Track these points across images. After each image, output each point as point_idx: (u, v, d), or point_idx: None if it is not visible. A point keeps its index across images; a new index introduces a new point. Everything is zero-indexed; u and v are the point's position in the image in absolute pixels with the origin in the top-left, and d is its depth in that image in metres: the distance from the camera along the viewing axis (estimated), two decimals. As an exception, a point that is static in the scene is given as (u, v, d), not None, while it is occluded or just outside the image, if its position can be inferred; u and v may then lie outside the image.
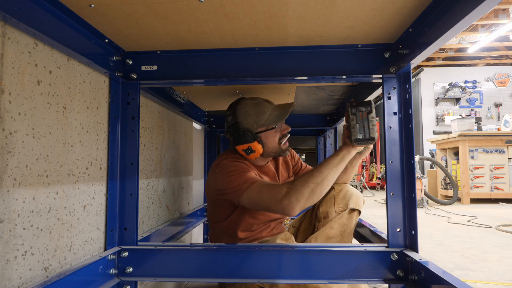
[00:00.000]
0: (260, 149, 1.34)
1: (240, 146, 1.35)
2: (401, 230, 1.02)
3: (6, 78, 0.67)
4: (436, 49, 0.88)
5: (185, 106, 1.72)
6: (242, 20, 0.91)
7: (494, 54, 7.94)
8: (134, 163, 1.09)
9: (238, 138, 1.34)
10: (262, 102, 1.38)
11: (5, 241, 0.67)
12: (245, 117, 1.35)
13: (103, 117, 1.04)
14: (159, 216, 1.47)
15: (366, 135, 1.11)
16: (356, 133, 1.11)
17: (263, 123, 1.35)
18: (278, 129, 1.39)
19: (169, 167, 1.60)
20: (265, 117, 1.35)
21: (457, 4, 0.72)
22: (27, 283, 0.72)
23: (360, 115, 1.11)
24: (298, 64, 1.09)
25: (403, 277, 0.97)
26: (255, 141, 1.33)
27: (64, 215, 0.85)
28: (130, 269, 1.02)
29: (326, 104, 1.95)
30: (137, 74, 1.11)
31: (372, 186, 8.17)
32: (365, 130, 1.11)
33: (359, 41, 1.05)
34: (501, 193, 5.18)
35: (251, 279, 1.02)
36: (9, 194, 0.68)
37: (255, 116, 1.35)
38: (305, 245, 1.07)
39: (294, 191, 1.09)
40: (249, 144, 1.33)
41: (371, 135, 1.10)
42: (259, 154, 1.35)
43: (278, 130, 1.39)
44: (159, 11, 0.85)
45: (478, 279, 1.87)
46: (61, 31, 0.81)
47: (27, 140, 0.73)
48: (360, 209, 1.39)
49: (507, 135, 5.18)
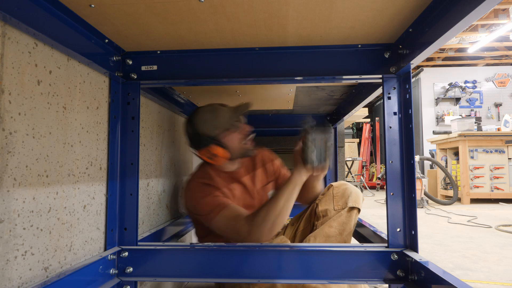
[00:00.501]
0: (222, 153, 1.36)
1: (201, 152, 1.38)
2: (401, 230, 1.02)
3: (6, 78, 0.68)
4: (436, 49, 0.88)
5: (185, 106, 1.72)
6: (242, 20, 0.91)
7: (494, 54, 7.94)
8: (134, 163, 1.09)
9: (198, 145, 1.38)
10: (217, 107, 1.41)
11: (5, 241, 0.67)
12: (202, 124, 1.37)
13: (103, 117, 1.04)
14: (159, 216, 1.47)
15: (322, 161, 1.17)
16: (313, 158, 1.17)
17: (220, 125, 1.37)
18: (238, 129, 1.41)
19: (169, 167, 1.60)
20: (220, 120, 1.38)
21: (457, 4, 0.72)
22: (27, 283, 0.72)
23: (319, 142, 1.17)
24: (298, 64, 1.09)
25: (403, 277, 0.97)
26: (216, 145, 1.35)
27: (64, 215, 0.85)
28: (130, 269, 1.02)
29: (326, 104, 1.95)
30: (137, 74, 1.11)
31: (372, 186, 8.17)
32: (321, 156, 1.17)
33: (359, 41, 1.06)
34: (501, 193, 5.18)
35: (250, 279, 1.01)
36: (9, 194, 0.68)
37: (212, 121, 1.37)
38: (304, 245, 1.07)
39: (256, 228, 1.15)
40: (209, 148, 1.35)
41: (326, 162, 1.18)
42: (224, 157, 1.37)
43: (238, 131, 1.41)
44: (159, 11, 0.85)
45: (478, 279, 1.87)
46: (61, 31, 0.81)
47: (27, 140, 0.73)
48: (359, 207, 1.38)
49: (507, 135, 5.19)
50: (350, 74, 1.09)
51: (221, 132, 1.37)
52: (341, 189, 1.41)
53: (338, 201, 1.39)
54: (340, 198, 1.39)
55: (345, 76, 1.09)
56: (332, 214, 1.37)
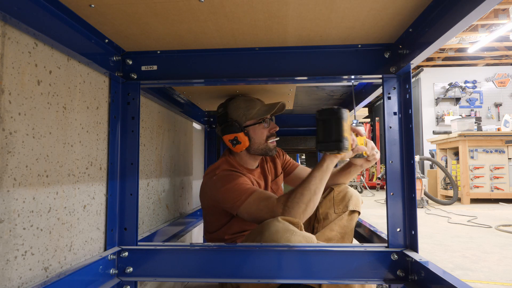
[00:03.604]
0: (246, 142, 1.37)
1: (227, 136, 1.38)
2: (401, 230, 1.02)
3: (6, 78, 0.67)
4: (436, 49, 0.88)
5: (185, 106, 1.72)
6: (242, 20, 0.91)
7: (494, 54, 7.93)
8: (134, 163, 1.09)
9: (226, 128, 1.38)
10: (253, 98, 1.44)
11: (5, 241, 0.67)
12: (235, 109, 1.39)
13: (103, 117, 1.04)
14: (159, 216, 1.47)
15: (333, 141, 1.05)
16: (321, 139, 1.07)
17: (252, 116, 1.39)
18: (267, 125, 1.42)
19: (169, 167, 1.60)
20: (254, 111, 1.39)
21: (457, 4, 0.72)
22: (27, 283, 0.72)
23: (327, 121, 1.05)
24: (298, 64, 1.09)
25: (403, 277, 0.97)
26: (241, 132, 1.36)
27: (64, 215, 0.85)
28: (130, 269, 1.02)
29: (326, 104, 1.95)
30: (137, 74, 1.11)
31: (372, 186, 8.16)
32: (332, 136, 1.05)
33: (359, 41, 1.05)
34: (501, 193, 5.18)
35: (251, 279, 1.01)
36: (9, 194, 0.68)
37: (244, 110, 1.39)
38: (304, 245, 1.07)
39: (291, 209, 1.13)
40: (236, 134, 1.36)
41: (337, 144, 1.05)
42: (244, 147, 1.38)
43: (266, 126, 1.42)
44: (159, 11, 0.85)
45: (478, 279, 1.87)
46: (61, 31, 0.81)
47: (27, 140, 0.73)
48: (359, 210, 1.39)
49: (507, 135, 5.18)
50: (350, 74, 1.09)
51: (252, 123, 1.39)
52: (341, 193, 1.42)
53: (338, 204, 1.40)
54: (341, 202, 1.40)
55: (345, 76, 1.09)
56: (333, 217, 1.39)
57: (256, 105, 1.41)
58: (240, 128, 1.37)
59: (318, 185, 1.16)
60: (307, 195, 1.14)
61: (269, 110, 1.39)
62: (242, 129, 1.37)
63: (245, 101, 1.41)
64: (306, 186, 1.15)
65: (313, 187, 1.15)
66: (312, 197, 1.14)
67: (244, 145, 1.37)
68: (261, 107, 1.40)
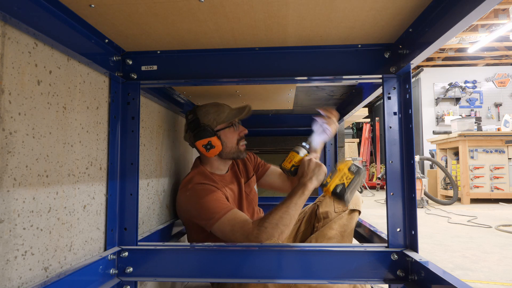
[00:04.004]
0: (219, 146, 1.39)
1: (200, 141, 1.39)
2: (401, 230, 1.02)
3: (6, 78, 0.67)
4: (436, 49, 0.88)
5: (185, 106, 1.72)
6: (242, 20, 0.91)
7: (494, 54, 7.93)
8: (134, 163, 1.09)
9: (198, 133, 1.39)
10: (221, 103, 1.47)
11: (5, 241, 0.67)
12: (205, 115, 1.42)
13: (103, 117, 1.04)
14: (159, 216, 1.47)
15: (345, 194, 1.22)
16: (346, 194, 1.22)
17: (222, 120, 1.41)
18: (236, 129, 1.46)
19: (169, 167, 1.60)
20: (224, 115, 1.42)
21: (457, 4, 0.72)
22: (27, 283, 0.72)
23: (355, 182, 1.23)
24: (298, 64, 1.09)
25: (403, 277, 0.97)
26: (214, 136, 1.39)
27: (64, 215, 0.85)
28: (130, 269, 1.02)
29: (326, 104, 1.95)
30: (137, 74, 1.11)
31: (372, 186, 8.17)
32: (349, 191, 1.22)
33: (359, 41, 1.05)
34: (501, 193, 5.18)
35: (250, 279, 1.01)
36: (9, 194, 0.68)
37: (214, 114, 1.41)
38: (304, 245, 1.07)
39: (265, 233, 1.13)
40: (209, 138, 1.38)
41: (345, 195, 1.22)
42: (218, 151, 1.40)
43: (236, 130, 1.45)
44: (159, 11, 0.85)
45: (478, 279, 1.87)
46: (61, 31, 0.81)
47: (27, 140, 0.73)
48: (360, 209, 1.39)
49: (507, 135, 5.18)
50: (350, 74, 1.09)
51: (223, 127, 1.42)
52: None
53: (338, 203, 1.40)
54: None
55: (345, 76, 1.09)
56: (333, 216, 1.39)
57: (225, 109, 1.44)
58: (212, 133, 1.39)
59: (297, 210, 1.19)
60: (286, 218, 1.16)
61: (238, 113, 1.42)
62: (214, 133, 1.39)
63: (214, 106, 1.44)
64: (285, 210, 1.17)
65: (292, 212, 1.18)
66: (290, 221, 1.17)
67: (218, 149, 1.40)
68: (230, 111, 1.44)
